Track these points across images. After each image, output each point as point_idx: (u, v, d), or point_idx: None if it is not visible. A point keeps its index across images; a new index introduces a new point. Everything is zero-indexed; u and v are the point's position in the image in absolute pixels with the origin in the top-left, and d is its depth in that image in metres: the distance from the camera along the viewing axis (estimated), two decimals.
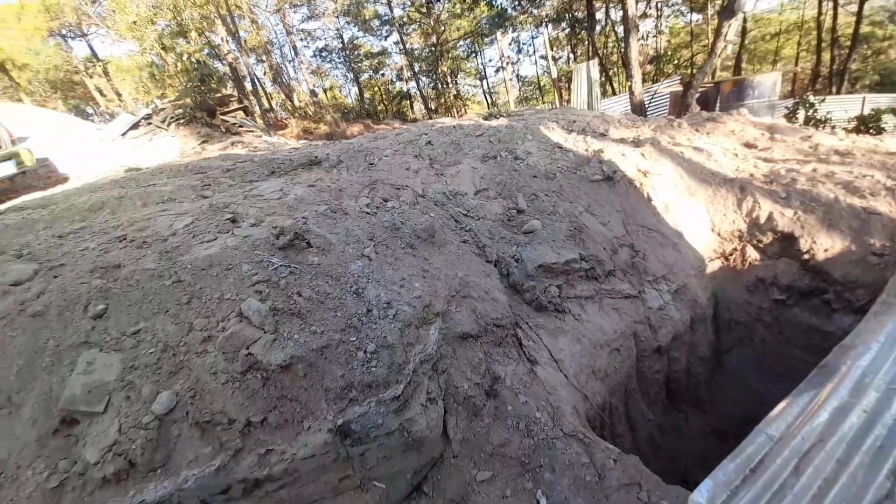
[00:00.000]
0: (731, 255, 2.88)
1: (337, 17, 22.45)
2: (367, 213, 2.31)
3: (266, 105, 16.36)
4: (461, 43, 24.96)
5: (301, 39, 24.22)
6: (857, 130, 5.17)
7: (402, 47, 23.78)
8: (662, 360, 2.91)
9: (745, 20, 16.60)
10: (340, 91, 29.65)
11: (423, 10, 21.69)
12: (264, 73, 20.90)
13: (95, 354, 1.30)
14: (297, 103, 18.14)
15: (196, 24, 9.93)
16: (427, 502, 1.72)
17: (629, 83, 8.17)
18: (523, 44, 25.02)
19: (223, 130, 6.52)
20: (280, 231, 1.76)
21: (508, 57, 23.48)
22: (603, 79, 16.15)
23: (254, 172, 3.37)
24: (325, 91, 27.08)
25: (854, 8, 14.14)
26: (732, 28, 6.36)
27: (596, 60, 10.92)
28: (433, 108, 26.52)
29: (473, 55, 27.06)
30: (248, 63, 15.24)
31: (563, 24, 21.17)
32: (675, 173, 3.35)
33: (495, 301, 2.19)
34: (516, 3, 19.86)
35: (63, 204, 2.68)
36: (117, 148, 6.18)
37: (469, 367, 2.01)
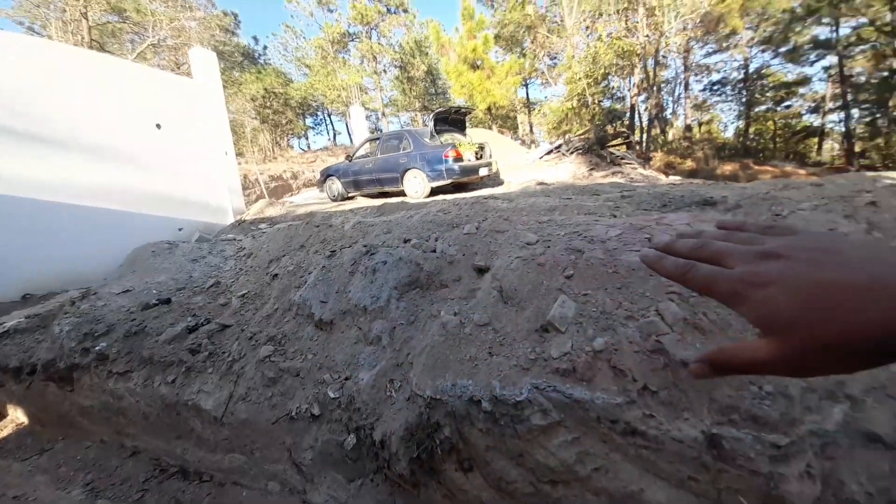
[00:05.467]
0: None
1: (750, 46, 19.47)
2: None
3: (637, 138, 16.88)
4: None
5: (694, 74, 22.83)
6: None
7: (838, 73, 17.82)
8: None
9: None
10: (719, 126, 26.04)
11: (887, 28, 15.24)
12: (646, 109, 21.55)
13: (564, 298, 2.06)
14: (669, 137, 17.57)
15: (614, 71, 11.67)
16: None
17: None
18: None
19: (608, 161, 7.46)
20: None
21: None
22: None
23: (647, 203, 3.79)
24: (699, 125, 24.62)
25: None
26: None
27: None
28: (859, 150, 18.68)
29: None
30: (637, 101, 16.15)
31: None
32: None
33: None
34: None
35: (523, 201, 4.07)
36: (533, 166, 8.41)
37: (865, 475, 1.61)
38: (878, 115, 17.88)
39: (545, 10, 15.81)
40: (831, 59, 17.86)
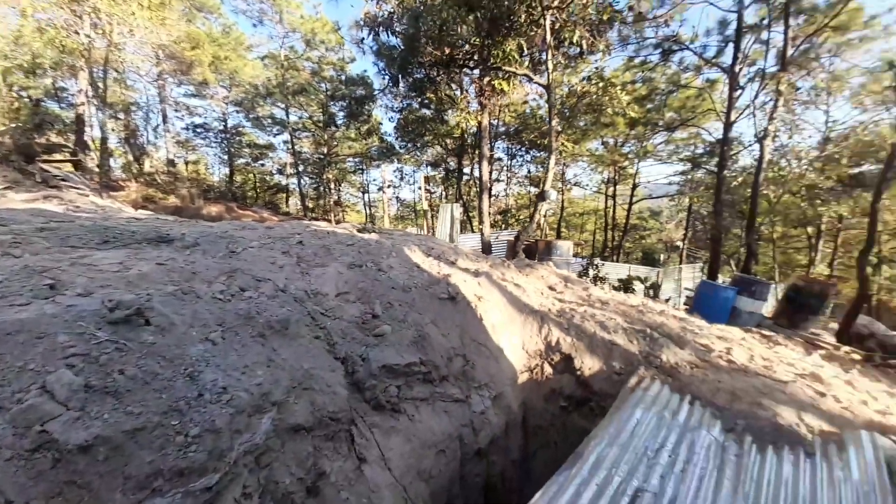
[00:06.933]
0: (534, 369, 3.67)
1: (227, 103, 22.63)
2: (221, 299, 2.34)
3: (96, 160, 14.07)
4: (350, 159, 27.21)
5: (175, 110, 23.11)
6: (618, 289, 7.55)
7: (290, 148, 24.67)
8: (482, 463, 3.27)
9: (562, 200, 22.89)
10: (207, 168, 28.06)
11: (320, 124, 23.63)
12: (112, 130, 18.75)
13: None
14: (146, 168, 16.39)
15: (53, 65, 8.92)
16: None
17: (481, 227, 10.19)
18: (406, 174, 28.58)
19: (38, 180, 5.53)
20: (116, 305, 1.70)
21: (391, 181, 26.42)
22: (464, 217, 19.50)
23: (79, 238, 3.03)
24: (186, 164, 25.23)
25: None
26: (544, 208, 8.98)
27: (460, 203, 13.35)
28: (311, 207, 26.88)
29: (360, 171, 29.47)
30: (99, 117, 13.64)
31: (440, 169, 25.21)
32: (501, 301, 4.26)
33: (335, 394, 2.33)
34: (405, 143, 23.21)
35: None
36: None
37: (295, 462, 2.02)
38: (318, 184, 26.83)
39: None
40: (287, 136, 24.60)
